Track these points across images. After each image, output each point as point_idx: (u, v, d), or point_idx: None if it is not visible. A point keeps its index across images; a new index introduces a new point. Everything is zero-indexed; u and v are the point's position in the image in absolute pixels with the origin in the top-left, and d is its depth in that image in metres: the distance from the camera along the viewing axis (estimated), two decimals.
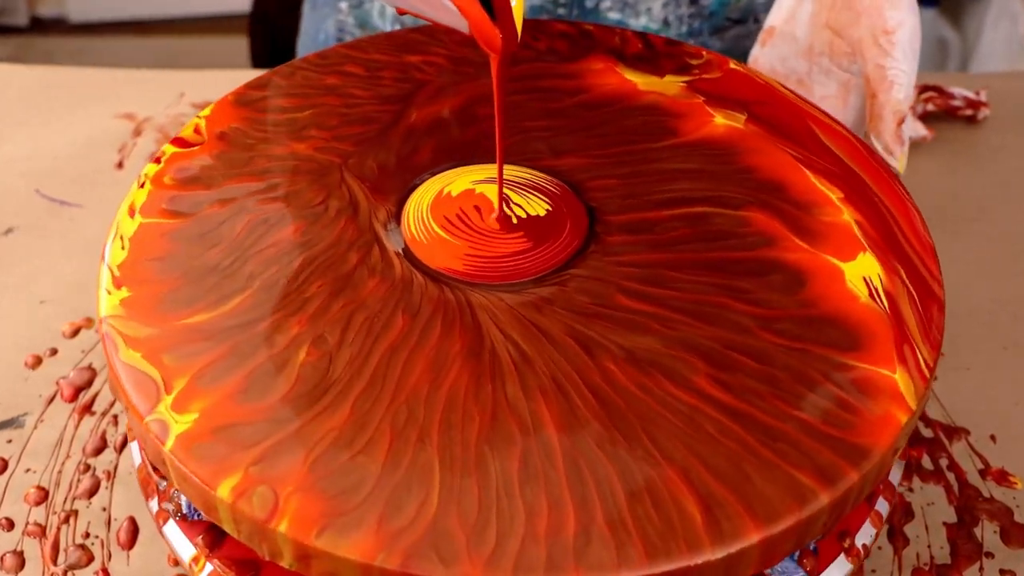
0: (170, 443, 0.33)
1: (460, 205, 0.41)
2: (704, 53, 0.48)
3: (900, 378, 0.35)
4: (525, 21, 0.50)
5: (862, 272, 0.38)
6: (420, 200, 0.41)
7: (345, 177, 0.42)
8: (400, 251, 0.39)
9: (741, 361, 0.35)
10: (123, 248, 0.39)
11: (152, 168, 0.42)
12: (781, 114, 0.45)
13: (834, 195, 0.41)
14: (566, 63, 0.48)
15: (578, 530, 0.30)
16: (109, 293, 0.37)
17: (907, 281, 0.38)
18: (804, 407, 0.34)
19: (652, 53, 0.48)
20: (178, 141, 0.43)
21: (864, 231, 0.40)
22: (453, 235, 0.40)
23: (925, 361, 0.35)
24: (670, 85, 0.46)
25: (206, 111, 0.45)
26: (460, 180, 0.42)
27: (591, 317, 0.37)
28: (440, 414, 0.33)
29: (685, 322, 0.36)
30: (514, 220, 0.40)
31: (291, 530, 0.30)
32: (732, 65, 0.47)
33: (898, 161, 0.45)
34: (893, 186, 0.42)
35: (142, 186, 0.41)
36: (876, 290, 0.37)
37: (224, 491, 0.31)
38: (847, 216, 0.40)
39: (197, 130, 0.44)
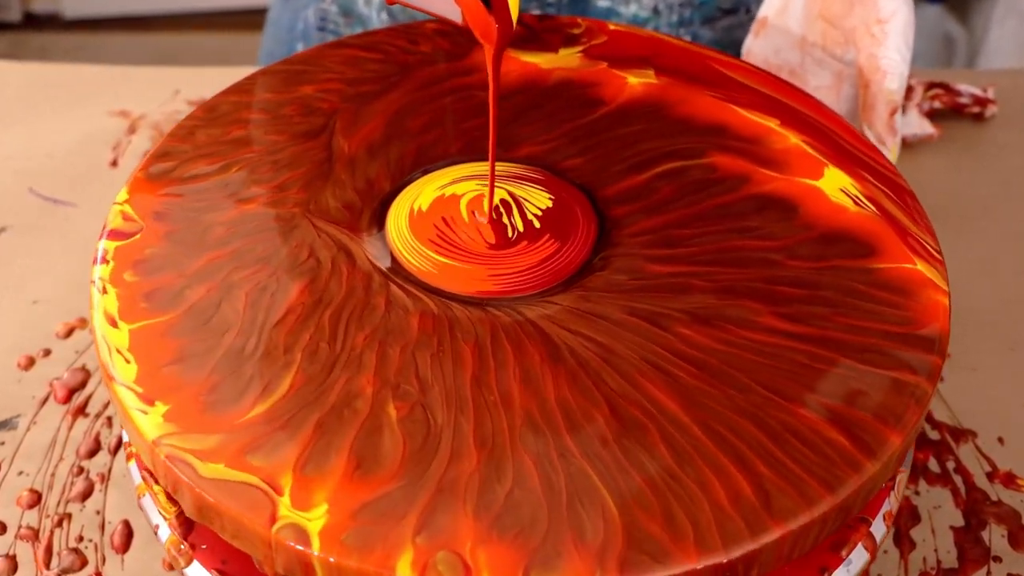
0: (316, 544, 0.30)
1: (435, 222, 0.40)
2: (580, 21, 0.49)
3: (922, 267, 0.38)
4: (395, 28, 0.49)
5: (837, 185, 0.41)
6: (399, 227, 0.40)
7: (317, 224, 0.40)
8: (416, 282, 0.38)
9: (789, 292, 0.37)
10: (128, 362, 0.35)
11: (104, 269, 0.38)
12: (682, 62, 0.47)
13: (772, 123, 0.44)
14: (460, 60, 0.47)
15: (754, 487, 0.31)
16: (145, 413, 0.33)
17: (875, 182, 0.41)
18: (865, 316, 0.36)
19: (532, 32, 0.49)
20: (114, 234, 0.39)
21: (816, 149, 0.42)
22: (468, 261, 0.39)
23: (931, 246, 0.39)
24: (569, 58, 0.47)
25: (123, 195, 0.40)
26: (425, 192, 0.41)
27: (638, 292, 0.37)
28: (563, 424, 0.33)
29: (719, 272, 0.38)
30: (537, 224, 0.39)
31: None
32: (612, 27, 0.49)
33: (890, 151, 0.46)
34: (813, 102, 0.45)
35: (104, 292, 0.37)
36: (857, 198, 0.40)
37: (404, 571, 0.29)
38: (794, 139, 0.43)
39: (126, 217, 0.40)
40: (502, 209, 0.40)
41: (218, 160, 0.42)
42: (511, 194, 0.41)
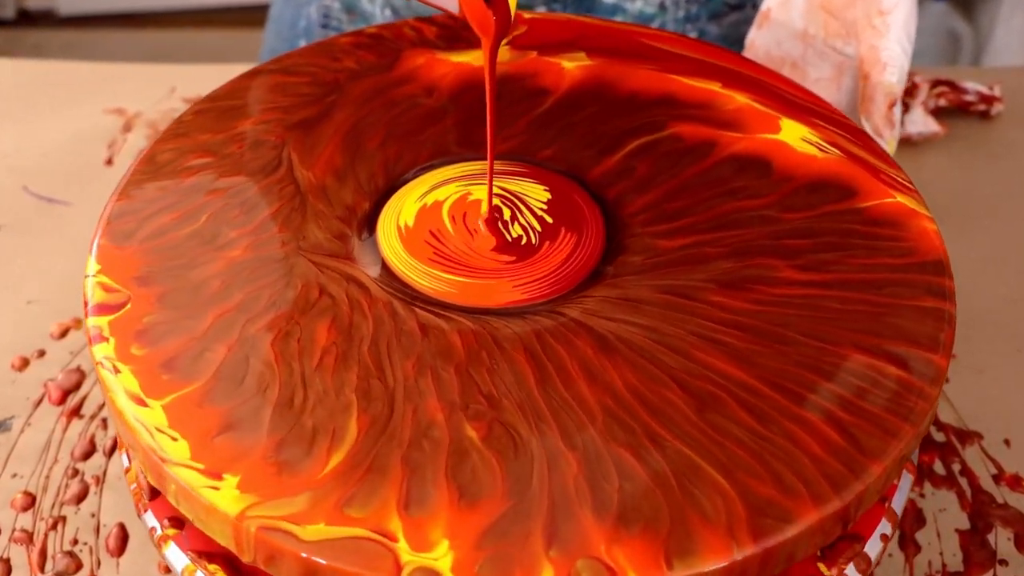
0: None
1: (424, 238, 0.39)
2: None
3: (902, 199, 0.40)
4: (311, 47, 0.47)
5: (797, 136, 0.43)
6: (394, 247, 0.39)
7: (317, 261, 0.38)
8: (437, 302, 0.37)
9: (796, 244, 0.38)
10: (175, 439, 0.32)
11: (106, 348, 0.35)
12: (609, 40, 0.47)
13: (715, 87, 0.45)
14: (389, 71, 0.46)
15: (841, 434, 0.33)
16: (216, 489, 0.31)
17: (830, 127, 0.43)
18: (870, 253, 0.38)
19: (450, 31, 0.48)
20: (101, 308, 0.36)
21: (764, 104, 0.44)
22: (487, 276, 0.38)
23: (902, 178, 0.41)
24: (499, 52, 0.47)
25: (95, 267, 0.37)
26: (407, 206, 0.40)
27: (660, 270, 0.38)
28: (644, 411, 0.33)
29: (724, 236, 0.39)
30: (549, 219, 0.39)
31: None
32: (527, 15, 0.49)
33: (887, 144, 0.46)
34: (743, 60, 0.47)
35: (117, 372, 0.34)
36: (820, 144, 0.42)
37: None
38: (741, 99, 0.44)
39: (106, 288, 0.37)
40: (511, 209, 0.40)
41: (180, 212, 0.39)
42: (508, 191, 0.40)
